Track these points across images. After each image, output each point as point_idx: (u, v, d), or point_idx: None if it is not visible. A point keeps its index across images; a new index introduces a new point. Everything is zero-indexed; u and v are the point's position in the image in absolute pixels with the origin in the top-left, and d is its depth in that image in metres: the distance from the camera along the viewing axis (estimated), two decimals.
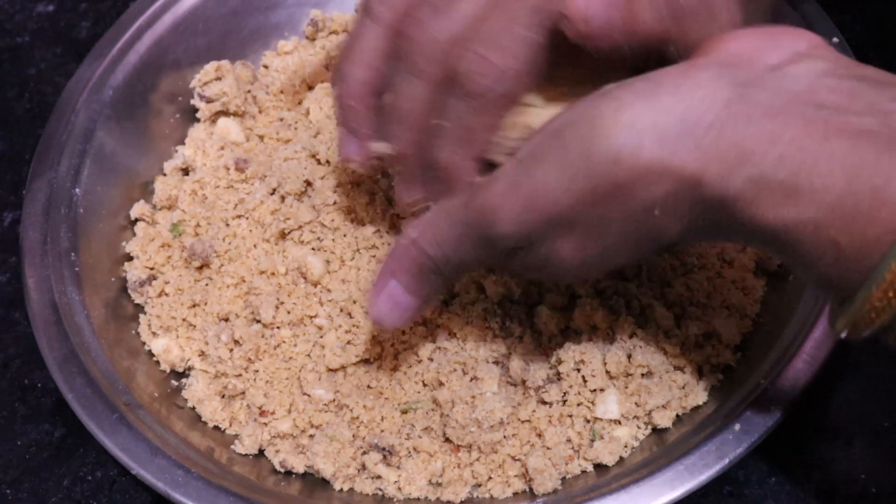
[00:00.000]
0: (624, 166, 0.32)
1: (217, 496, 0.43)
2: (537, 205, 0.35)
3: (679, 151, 0.32)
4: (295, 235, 0.53)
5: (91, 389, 0.46)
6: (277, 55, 0.63)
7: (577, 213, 0.34)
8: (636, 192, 0.33)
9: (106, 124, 0.56)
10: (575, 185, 0.34)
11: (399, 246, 0.41)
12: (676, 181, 0.32)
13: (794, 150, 0.31)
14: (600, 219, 0.34)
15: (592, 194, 0.34)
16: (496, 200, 0.36)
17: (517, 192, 0.35)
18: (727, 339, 0.48)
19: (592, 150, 0.33)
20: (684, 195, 0.33)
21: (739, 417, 0.42)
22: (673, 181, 0.32)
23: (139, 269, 0.54)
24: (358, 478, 0.47)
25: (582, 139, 0.33)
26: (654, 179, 0.32)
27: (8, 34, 0.70)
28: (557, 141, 0.34)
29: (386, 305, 0.42)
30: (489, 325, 0.49)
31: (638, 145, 0.32)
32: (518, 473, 0.46)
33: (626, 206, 0.34)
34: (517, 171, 0.35)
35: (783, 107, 0.32)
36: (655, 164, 0.32)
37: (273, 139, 0.58)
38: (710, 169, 0.32)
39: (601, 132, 0.33)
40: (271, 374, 0.49)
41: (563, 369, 0.47)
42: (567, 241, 0.36)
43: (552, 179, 0.34)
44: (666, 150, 0.32)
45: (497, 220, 0.36)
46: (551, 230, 0.35)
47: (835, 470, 0.48)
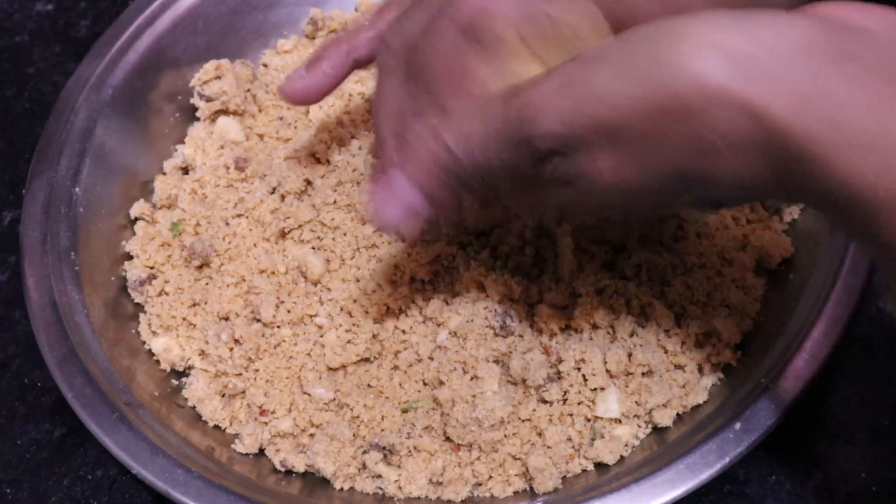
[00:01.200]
0: (700, 86, 0.30)
1: (217, 495, 0.43)
2: (590, 106, 0.32)
3: (765, 89, 0.30)
4: (295, 234, 0.53)
5: (91, 389, 0.46)
6: (277, 54, 0.63)
7: (633, 125, 0.31)
8: (706, 117, 0.30)
9: (105, 123, 0.56)
10: (639, 94, 0.31)
11: (415, 135, 0.37)
12: (754, 117, 0.30)
13: (886, 105, 0.29)
14: (656, 138, 0.32)
15: (656, 108, 0.31)
16: (544, 97, 0.33)
17: (570, 89, 0.32)
18: (727, 338, 0.48)
19: (669, 61, 0.30)
20: (758, 137, 0.30)
21: (740, 416, 0.42)
22: (750, 116, 0.30)
23: (139, 269, 0.54)
24: (358, 477, 0.47)
25: (661, 48, 0.30)
26: (730, 112, 0.30)
27: (7, 33, 0.70)
28: (632, 46, 0.31)
29: (390, 201, 0.37)
30: (490, 324, 0.49)
31: (722, 69, 0.30)
32: (519, 472, 0.46)
33: (691, 133, 0.31)
34: (574, 69, 0.32)
35: (877, 64, 0.30)
36: (737, 93, 0.30)
37: (273, 138, 0.58)
38: (795, 115, 0.30)
39: (684, 46, 0.30)
40: (271, 373, 0.49)
41: (563, 368, 0.47)
42: (611, 156, 0.33)
43: (615, 84, 0.31)
44: (751, 85, 0.30)
45: (541, 116, 0.33)
46: (597, 139, 0.32)
47: (835, 468, 0.48)
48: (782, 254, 0.50)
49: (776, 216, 0.52)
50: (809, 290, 0.47)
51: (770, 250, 0.50)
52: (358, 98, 0.59)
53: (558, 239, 0.50)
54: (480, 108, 0.35)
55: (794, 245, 0.51)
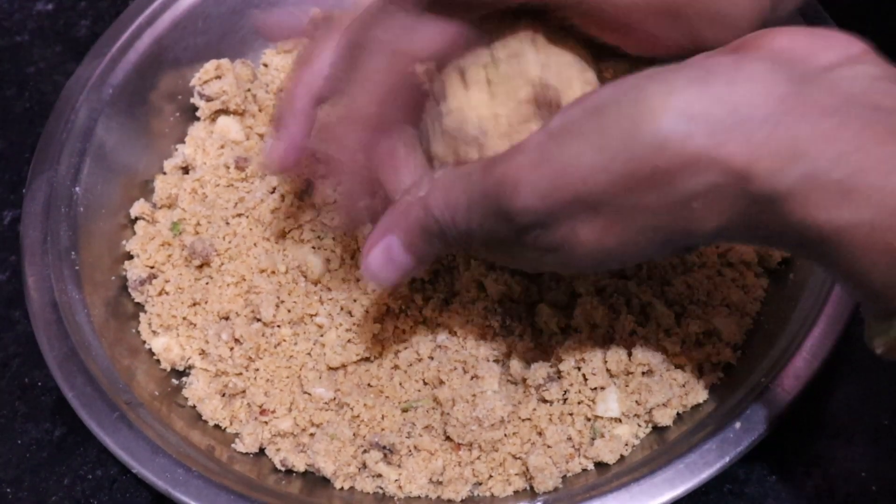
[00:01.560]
0: (670, 153, 0.31)
1: (217, 495, 0.43)
2: (567, 181, 0.33)
3: (730, 143, 0.30)
4: (295, 234, 0.53)
5: (91, 388, 0.46)
6: (277, 53, 0.63)
7: (609, 195, 0.32)
8: (678, 181, 0.31)
9: (106, 123, 0.56)
10: (612, 166, 0.32)
11: (403, 202, 0.39)
12: (723, 174, 0.31)
13: (851, 149, 0.30)
14: (633, 205, 0.33)
15: (630, 178, 0.32)
16: (521, 172, 0.34)
17: (545, 165, 0.33)
18: (727, 338, 0.48)
19: (637, 131, 0.31)
20: (729, 189, 0.31)
21: (740, 416, 0.42)
22: (720, 173, 0.31)
23: (139, 268, 0.54)
24: (359, 476, 0.47)
25: (626, 119, 0.31)
26: (700, 170, 0.31)
27: (7, 33, 0.70)
28: (597, 118, 0.32)
29: (380, 261, 0.39)
30: (490, 324, 0.49)
31: (687, 133, 0.30)
32: (519, 472, 0.46)
33: (664, 195, 0.32)
34: (547, 144, 0.33)
35: (840, 106, 0.30)
36: (703, 153, 0.30)
37: None
38: (762, 164, 0.30)
39: (649, 115, 0.31)
40: (272, 372, 0.49)
41: (563, 367, 0.47)
42: (590, 224, 0.34)
43: (587, 157, 0.32)
44: (716, 141, 0.30)
45: (519, 192, 0.34)
46: (576, 211, 0.33)
47: (835, 468, 0.48)
48: (782, 253, 0.50)
49: None
50: (809, 290, 0.47)
51: (770, 250, 0.50)
52: None
53: None
54: (463, 177, 0.36)
55: None
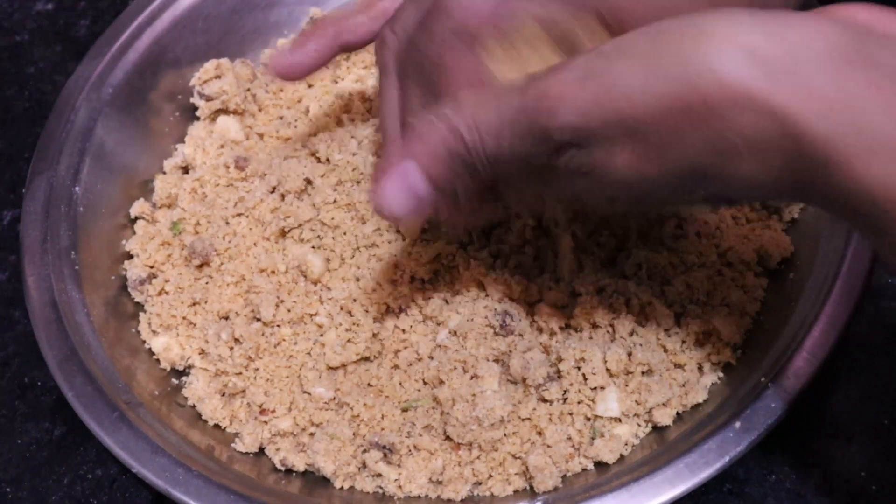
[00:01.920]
0: (724, 86, 0.30)
1: (217, 494, 0.43)
2: (612, 99, 0.31)
3: (788, 91, 0.29)
4: (295, 233, 0.53)
5: (91, 388, 0.46)
6: None
7: (654, 121, 0.31)
8: (728, 118, 0.30)
9: (105, 122, 0.56)
10: (663, 90, 0.30)
11: (426, 122, 0.36)
12: (776, 121, 0.30)
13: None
14: (676, 136, 0.31)
15: (679, 106, 0.30)
16: (564, 87, 0.32)
17: (591, 81, 0.32)
18: (727, 337, 0.48)
19: (694, 58, 0.30)
20: (779, 138, 0.30)
21: (740, 415, 0.42)
22: (772, 121, 0.30)
23: (139, 268, 0.54)
24: (358, 476, 0.47)
25: (685, 45, 0.30)
26: (752, 112, 0.30)
27: (7, 33, 0.70)
28: (655, 41, 0.31)
29: (397, 188, 0.36)
30: (489, 323, 0.49)
31: (745, 68, 0.29)
32: (518, 471, 0.46)
33: (711, 130, 0.31)
34: (595, 61, 0.32)
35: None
36: (760, 96, 0.30)
37: (273, 137, 0.58)
38: (818, 118, 0.29)
39: (708, 43, 0.30)
40: (271, 372, 0.49)
41: (563, 367, 0.47)
42: (629, 150, 0.32)
43: (637, 77, 0.31)
44: (775, 86, 0.29)
45: (561, 107, 0.32)
46: (617, 133, 0.32)
47: (835, 467, 0.48)
48: (782, 253, 0.50)
49: (776, 215, 0.52)
50: (809, 289, 0.47)
51: (770, 249, 0.50)
52: (357, 97, 0.59)
53: (558, 238, 0.50)
54: (494, 97, 0.35)
55: (794, 244, 0.51)
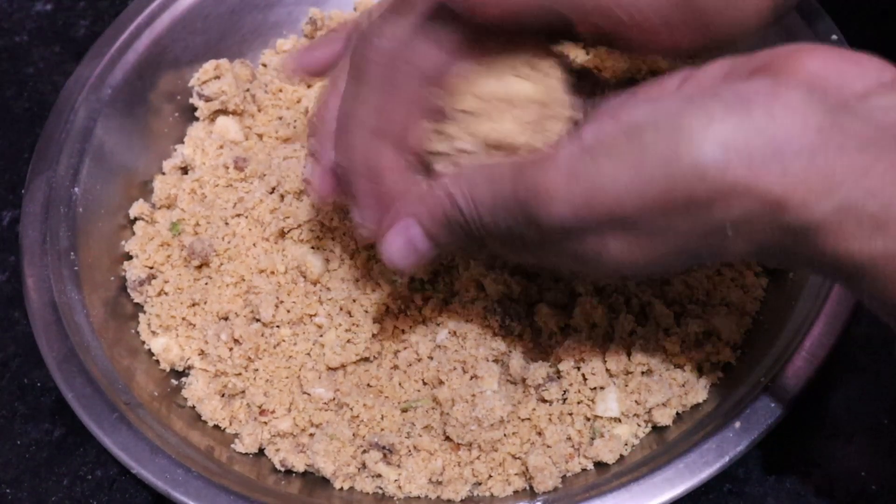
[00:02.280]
0: (708, 182, 0.31)
1: (217, 495, 0.43)
2: (601, 200, 0.33)
3: (767, 174, 0.31)
4: (294, 234, 0.53)
5: (91, 388, 0.46)
6: (276, 54, 0.63)
7: (643, 218, 0.33)
8: (714, 209, 0.32)
9: (105, 123, 0.56)
10: (648, 190, 0.32)
11: (428, 191, 0.39)
12: (759, 204, 0.31)
13: (886, 182, 0.30)
14: (666, 228, 0.33)
15: (666, 204, 0.32)
16: (554, 184, 0.34)
17: (580, 181, 0.33)
18: (727, 337, 0.48)
19: (676, 159, 0.32)
20: (764, 219, 0.32)
21: (740, 415, 0.42)
22: (755, 203, 0.31)
23: (138, 268, 0.54)
24: (358, 476, 0.47)
25: (664, 145, 0.32)
26: (737, 199, 0.31)
27: (6, 33, 0.70)
28: (635, 140, 0.33)
29: (402, 246, 0.39)
30: (489, 324, 0.49)
31: (726, 163, 0.31)
32: (518, 472, 0.46)
33: (699, 222, 0.33)
34: (582, 160, 0.33)
35: (875, 138, 0.31)
36: (741, 184, 0.31)
37: (272, 138, 0.58)
38: (797, 195, 0.31)
39: (688, 143, 0.31)
40: (271, 372, 0.49)
41: (563, 367, 0.47)
42: (621, 241, 0.34)
43: (623, 179, 0.32)
44: (754, 172, 0.31)
45: (551, 204, 0.34)
46: (608, 227, 0.34)
47: (835, 467, 0.48)
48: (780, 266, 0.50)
49: None
50: (809, 289, 0.47)
51: None
52: None
53: None
54: (488, 177, 0.36)
55: None
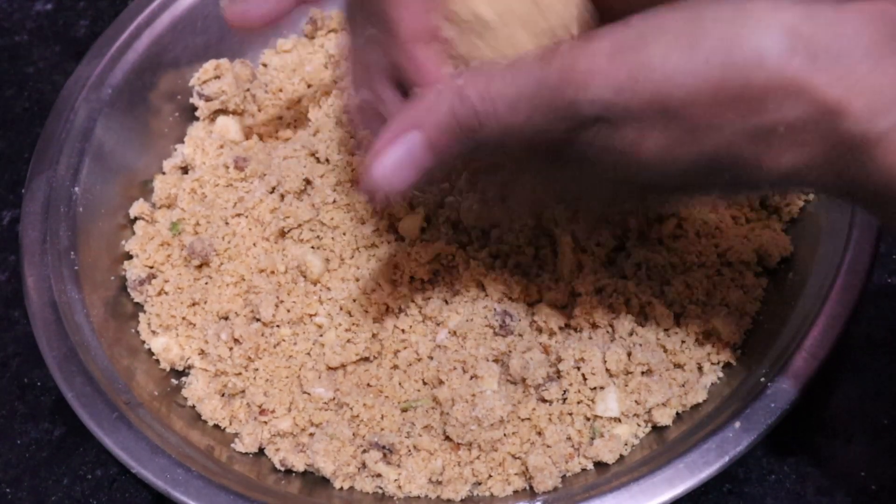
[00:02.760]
0: (766, 71, 0.29)
1: (217, 495, 0.43)
2: (649, 79, 0.30)
3: (829, 73, 0.29)
4: (294, 234, 0.53)
5: (91, 388, 0.46)
6: (276, 53, 0.63)
7: (691, 104, 0.30)
8: (768, 103, 0.29)
9: (105, 123, 0.56)
10: (702, 72, 0.29)
11: (435, 92, 0.34)
12: (816, 107, 0.29)
13: None
14: (712, 120, 0.30)
15: (718, 89, 0.30)
16: (595, 62, 0.31)
17: (626, 57, 0.30)
18: (727, 337, 0.48)
19: (736, 40, 0.29)
20: (819, 124, 0.29)
21: (739, 415, 0.42)
22: (813, 105, 0.29)
23: (139, 268, 0.54)
24: (358, 476, 0.47)
25: (726, 25, 0.29)
26: (794, 97, 0.29)
27: (6, 33, 0.70)
28: (693, 19, 0.30)
29: (397, 160, 0.34)
30: (489, 323, 0.49)
31: (788, 52, 0.29)
32: (518, 471, 0.46)
33: (749, 116, 0.30)
34: (630, 36, 0.31)
35: None
36: (802, 79, 0.29)
37: (272, 137, 0.58)
38: (859, 102, 0.29)
39: (752, 25, 0.29)
40: (271, 372, 0.49)
41: (562, 367, 0.47)
42: (660, 131, 0.31)
43: (676, 56, 0.30)
44: (815, 67, 0.29)
45: (593, 82, 0.31)
46: (650, 114, 0.31)
47: (835, 467, 0.48)
48: (782, 253, 0.50)
49: (775, 215, 0.52)
50: (809, 289, 0.47)
51: (769, 249, 0.50)
52: None
53: (558, 238, 0.50)
54: (511, 68, 0.33)
55: (793, 244, 0.51)
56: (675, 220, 0.51)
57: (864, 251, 0.45)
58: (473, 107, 0.33)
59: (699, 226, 0.51)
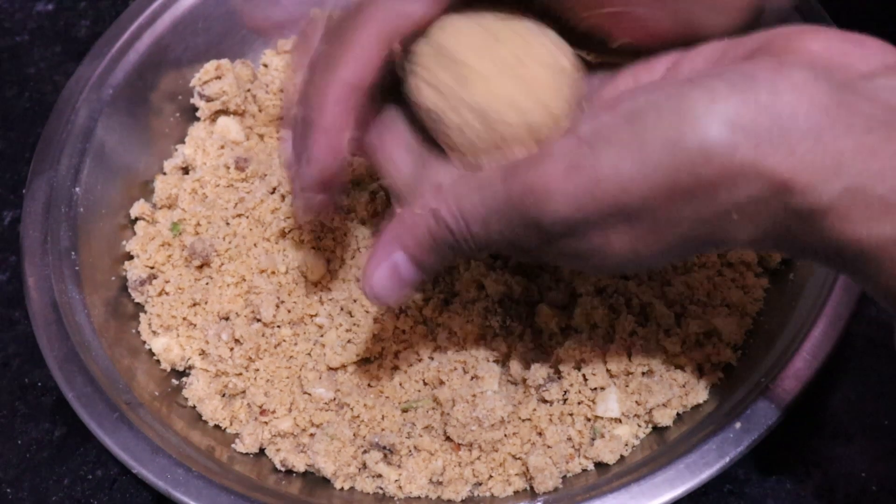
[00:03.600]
0: (714, 164, 0.30)
1: (218, 495, 0.43)
2: (604, 192, 0.32)
3: (774, 155, 0.30)
4: (295, 234, 0.53)
5: (91, 388, 0.46)
6: (277, 54, 0.63)
7: (648, 207, 0.32)
8: (720, 192, 0.31)
9: (106, 123, 0.56)
10: (653, 177, 0.31)
11: (412, 214, 0.37)
12: (765, 186, 0.30)
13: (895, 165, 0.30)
14: (671, 215, 0.32)
15: (671, 189, 0.31)
16: (552, 180, 0.32)
17: (580, 174, 0.32)
18: (727, 338, 0.48)
19: (681, 141, 0.30)
20: (770, 201, 0.31)
21: (740, 416, 0.42)
22: (762, 185, 0.30)
23: (139, 268, 0.54)
24: (359, 476, 0.47)
25: (668, 127, 0.31)
26: (743, 181, 0.30)
27: (7, 33, 0.70)
28: (636, 125, 0.31)
29: (386, 278, 0.37)
30: (490, 324, 0.49)
31: (732, 143, 0.30)
32: (519, 472, 0.46)
33: (704, 206, 0.31)
34: (580, 151, 0.32)
35: (882, 119, 0.30)
36: (748, 165, 0.30)
37: (273, 138, 0.58)
38: (804, 176, 0.30)
39: (692, 124, 0.30)
40: (272, 372, 0.49)
41: (563, 368, 0.47)
42: (624, 233, 0.33)
43: (626, 167, 0.31)
44: (760, 152, 0.30)
45: (551, 202, 0.32)
46: (612, 221, 0.33)
47: (835, 468, 0.48)
48: (782, 253, 0.50)
49: None
50: (809, 290, 0.47)
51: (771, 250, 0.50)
52: None
53: None
54: (477, 186, 0.35)
55: None
56: None
57: None
58: (448, 226, 0.36)
59: None
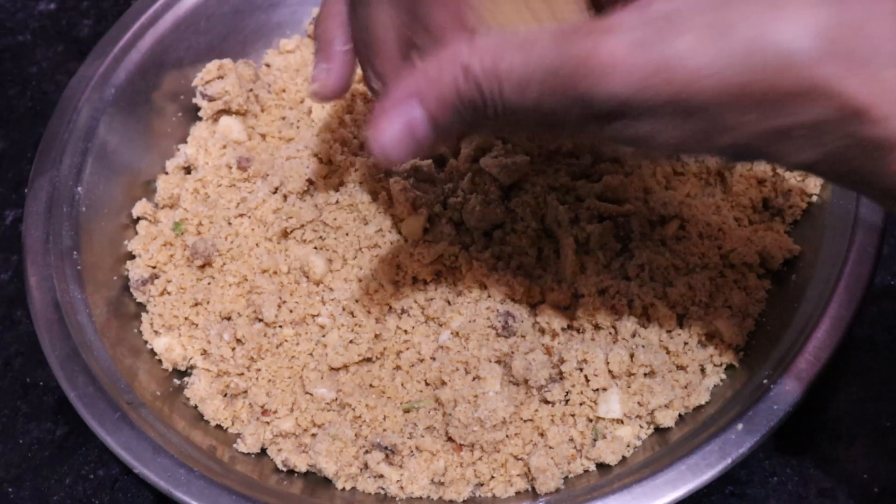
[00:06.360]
0: (793, 73, 0.28)
1: (219, 495, 0.43)
2: (670, 78, 0.29)
3: (856, 76, 0.28)
4: (297, 234, 0.53)
5: (93, 388, 0.46)
6: (279, 54, 0.63)
7: (713, 104, 0.29)
8: (789, 106, 0.29)
9: (108, 123, 0.56)
10: (726, 74, 0.28)
11: (434, 64, 0.32)
12: (839, 108, 0.29)
13: None
14: (730, 121, 0.30)
15: (742, 90, 0.29)
16: (615, 54, 0.29)
17: (648, 53, 0.29)
18: (729, 339, 0.48)
19: (764, 41, 0.28)
20: (839, 126, 0.29)
21: (742, 417, 0.42)
22: (837, 108, 0.29)
23: (141, 268, 0.54)
24: (360, 477, 0.47)
25: (754, 23, 0.28)
26: (817, 100, 0.28)
27: (9, 32, 0.70)
28: (720, 12, 0.29)
29: (397, 134, 0.33)
30: (492, 324, 0.49)
31: (817, 54, 0.28)
32: (520, 473, 0.46)
33: (768, 118, 0.29)
34: (651, 30, 0.29)
35: None
36: (829, 83, 0.28)
37: (275, 138, 0.58)
38: (883, 107, 0.28)
39: (780, 24, 0.28)
40: (273, 372, 0.49)
41: (565, 368, 0.47)
42: (677, 127, 0.31)
43: (700, 56, 0.29)
44: (843, 70, 0.28)
45: (609, 79, 0.29)
46: (669, 111, 0.30)
47: (837, 469, 0.48)
48: (785, 255, 0.50)
49: (778, 217, 0.52)
50: (812, 291, 0.47)
51: (772, 251, 0.50)
52: (360, 98, 0.59)
53: (560, 239, 0.50)
54: (523, 44, 0.31)
55: (796, 246, 0.51)
56: (677, 222, 0.51)
57: (866, 253, 0.45)
58: (479, 85, 0.31)
59: (702, 227, 0.51)
